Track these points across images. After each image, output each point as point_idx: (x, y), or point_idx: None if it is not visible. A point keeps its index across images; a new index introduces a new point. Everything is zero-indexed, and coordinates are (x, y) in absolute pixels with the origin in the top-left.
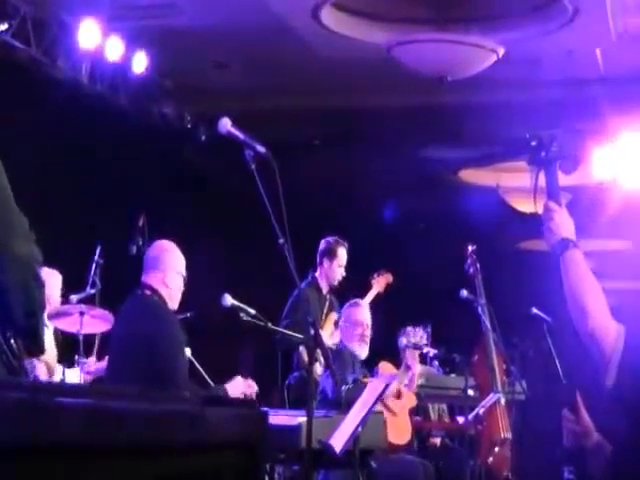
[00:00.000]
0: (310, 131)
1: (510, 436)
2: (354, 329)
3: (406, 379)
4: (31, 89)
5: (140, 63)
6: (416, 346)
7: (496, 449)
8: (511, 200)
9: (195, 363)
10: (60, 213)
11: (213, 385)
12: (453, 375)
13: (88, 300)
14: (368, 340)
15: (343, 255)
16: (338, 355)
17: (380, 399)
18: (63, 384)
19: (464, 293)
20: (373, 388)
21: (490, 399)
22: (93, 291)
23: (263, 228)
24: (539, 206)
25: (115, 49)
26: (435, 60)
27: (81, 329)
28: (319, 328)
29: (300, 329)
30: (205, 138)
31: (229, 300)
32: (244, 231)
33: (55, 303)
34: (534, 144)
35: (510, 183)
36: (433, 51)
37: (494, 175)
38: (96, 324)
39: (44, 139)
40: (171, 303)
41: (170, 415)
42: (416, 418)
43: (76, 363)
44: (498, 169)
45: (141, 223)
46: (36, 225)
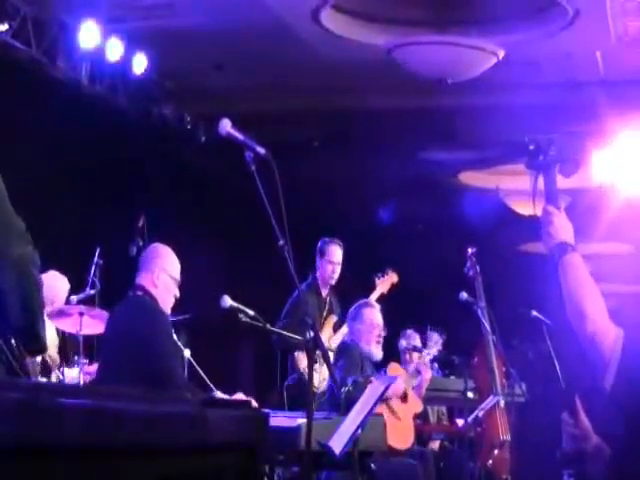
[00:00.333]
0: (309, 132)
1: (509, 439)
2: (370, 330)
3: (414, 382)
4: (31, 89)
5: (140, 64)
6: (415, 348)
7: (495, 452)
8: (511, 202)
9: (194, 364)
10: (60, 214)
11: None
12: (452, 377)
13: (88, 301)
14: (382, 341)
15: (333, 252)
16: (346, 353)
17: (381, 400)
18: (63, 385)
19: (464, 295)
20: (373, 389)
21: (489, 401)
22: (93, 292)
23: (263, 229)
24: (538, 209)
25: (115, 50)
26: (435, 62)
27: (80, 330)
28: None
29: (297, 330)
30: (205, 139)
31: (228, 301)
32: (243, 232)
33: (60, 305)
34: (532, 148)
35: (510, 185)
36: (433, 53)
37: (494, 177)
38: (96, 325)
39: (44, 139)
40: (162, 304)
41: (170, 416)
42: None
43: (76, 363)
44: (498, 171)
45: (141, 224)
46: (36, 226)
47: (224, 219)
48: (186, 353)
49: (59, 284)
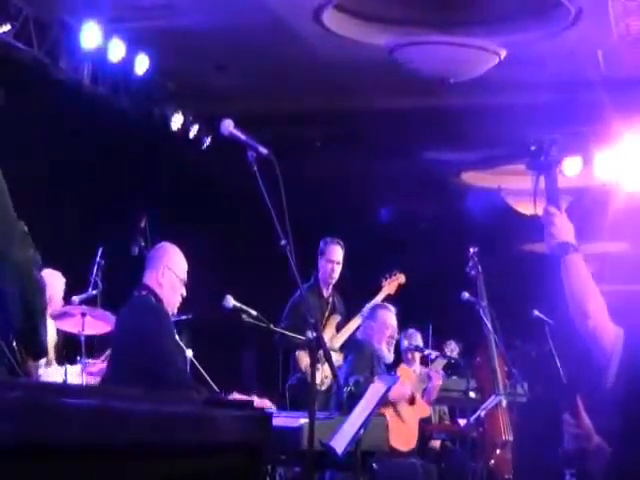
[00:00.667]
0: (312, 132)
1: (511, 438)
2: (382, 329)
3: (422, 386)
4: (33, 90)
5: (142, 64)
6: (417, 348)
7: (497, 451)
8: (513, 202)
9: (197, 365)
10: (61, 214)
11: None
12: (455, 377)
13: (90, 301)
14: (393, 344)
15: (333, 251)
16: (357, 349)
17: (387, 403)
18: (67, 385)
19: (466, 295)
20: (375, 390)
21: (491, 401)
22: (95, 292)
23: (265, 229)
24: (540, 209)
25: (117, 50)
26: (437, 62)
27: (83, 330)
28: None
29: (299, 330)
30: (207, 139)
31: (231, 301)
32: (246, 232)
33: (57, 304)
34: (534, 149)
35: (512, 185)
36: (435, 53)
37: (496, 177)
38: (98, 325)
39: (46, 139)
40: (167, 303)
41: (173, 416)
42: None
43: (78, 364)
44: (500, 171)
45: (143, 224)
46: (38, 226)
47: (226, 219)
48: (188, 353)
49: (54, 281)
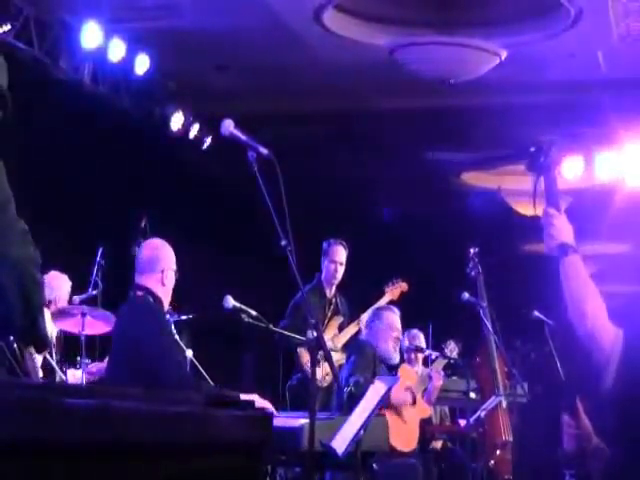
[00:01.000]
0: (312, 133)
1: (511, 439)
2: (388, 330)
3: (424, 386)
4: (33, 89)
5: (142, 64)
6: (417, 348)
7: (497, 452)
8: (513, 203)
9: (197, 365)
10: (62, 215)
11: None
12: (455, 378)
13: (90, 301)
14: (398, 345)
15: (336, 251)
16: (360, 350)
17: (384, 401)
18: (66, 384)
19: (466, 296)
20: (375, 390)
21: (491, 402)
22: (95, 292)
23: (266, 230)
24: (539, 210)
25: (117, 50)
26: (438, 63)
27: (83, 330)
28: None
29: (300, 330)
30: (207, 139)
31: (231, 302)
32: (246, 232)
33: (63, 304)
34: (533, 150)
35: (512, 186)
36: (436, 54)
37: (496, 178)
38: (98, 325)
39: (46, 140)
40: (166, 301)
41: (173, 416)
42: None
43: (78, 364)
44: (500, 172)
45: (143, 224)
46: (38, 227)
47: (227, 219)
48: (188, 353)
49: (61, 284)
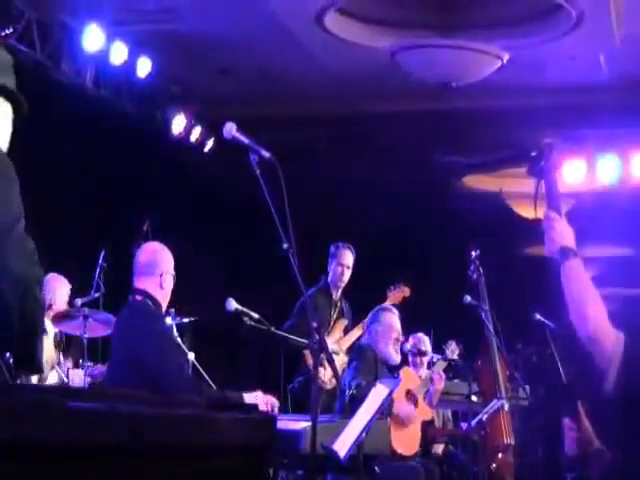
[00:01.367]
0: (314, 136)
1: (513, 442)
2: (387, 332)
3: (425, 388)
4: (35, 92)
5: (144, 67)
6: (420, 351)
7: (499, 455)
8: (515, 205)
9: (199, 367)
10: (64, 217)
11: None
12: (456, 381)
13: (92, 304)
14: (399, 346)
15: (344, 255)
16: (361, 354)
17: (387, 404)
18: (68, 387)
19: (467, 298)
20: (377, 393)
21: (493, 405)
22: (97, 295)
23: (268, 232)
24: (541, 213)
25: (119, 53)
26: (439, 65)
27: (85, 332)
28: (325, 333)
29: (304, 331)
30: (209, 142)
31: (233, 304)
32: (248, 235)
33: (61, 308)
34: (534, 154)
35: (514, 188)
36: (437, 57)
37: (498, 180)
38: (100, 328)
39: (48, 143)
40: (164, 305)
41: (176, 419)
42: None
43: (80, 366)
44: (502, 174)
45: (145, 227)
46: (41, 230)
47: (228, 222)
48: (190, 356)
49: (59, 286)
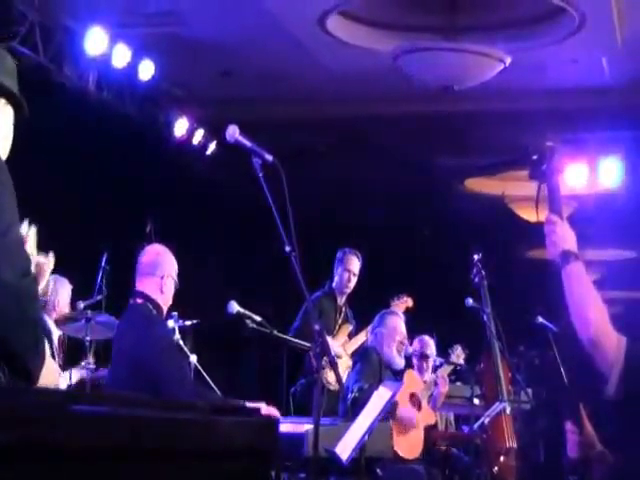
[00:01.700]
0: (316, 139)
1: (515, 445)
2: (392, 335)
3: (429, 392)
4: (38, 95)
5: (147, 70)
6: (423, 355)
7: (501, 458)
8: (517, 209)
9: (201, 370)
10: (66, 220)
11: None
12: (459, 384)
13: (95, 306)
14: (404, 350)
15: (350, 261)
16: (365, 358)
17: (389, 407)
18: (71, 391)
19: (470, 302)
20: (379, 396)
21: (495, 408)
22: (100, 297)
23: (270, 235)
24: (542, 216)
25: (121, 56)
26: (441, 68)
27: (87, 335)
28: (329, 336)
29: (308, 335)
30: (211, 145)
31: (235, 307)
32: (250, 238)
33: (63, 310)
34: (535, 158)
35: (516, 192)
36: (439, 59)
37: (500, 184)
38: (102, 330)
39: (50, 146)
40: (165, 307)
41: (178, 423)
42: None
43: (82, 367)
44: (504, 178)
45: (148, 230)
46: (43, 232)
47: (231, 225)
48: (192, 359)
49: (61, 288)
